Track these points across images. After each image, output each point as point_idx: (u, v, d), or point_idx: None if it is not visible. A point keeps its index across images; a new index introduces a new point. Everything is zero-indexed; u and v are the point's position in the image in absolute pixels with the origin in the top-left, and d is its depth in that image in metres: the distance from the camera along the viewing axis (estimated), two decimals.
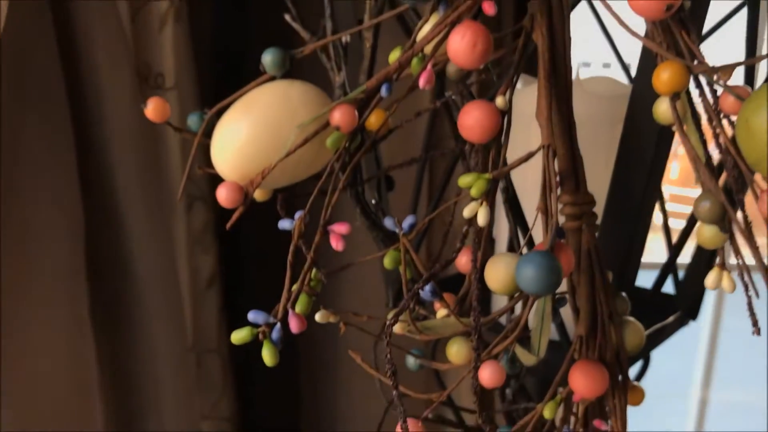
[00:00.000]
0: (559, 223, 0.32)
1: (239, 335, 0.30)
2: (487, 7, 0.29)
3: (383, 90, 0.31)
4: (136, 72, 0.67)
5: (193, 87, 0.71)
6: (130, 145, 0.65)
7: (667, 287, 0.54)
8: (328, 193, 0.33)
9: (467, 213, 0.33)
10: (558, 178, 0.34)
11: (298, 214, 0.31)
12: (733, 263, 0.33)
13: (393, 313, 0.30)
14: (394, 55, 0.34)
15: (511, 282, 0.32)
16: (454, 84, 0.42)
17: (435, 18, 0.33)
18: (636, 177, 0.38)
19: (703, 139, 0.29)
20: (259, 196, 0.36)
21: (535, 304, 0.34)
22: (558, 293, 0.36)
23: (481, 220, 0.32)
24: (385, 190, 0.44)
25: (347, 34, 0.41)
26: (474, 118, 0.32)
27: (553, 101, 0.33)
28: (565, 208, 0.35)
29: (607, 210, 0.39)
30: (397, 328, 0.37)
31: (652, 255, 0.45)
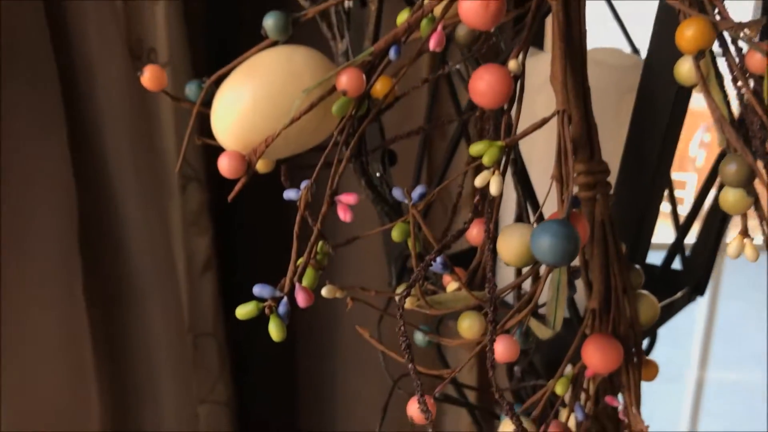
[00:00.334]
0: (573, 191, 0.31)
1: (245, 310, 0.29)
2: None
3: (392, 53, 0.30)
4: (129, 49, 0.66)
5: (187, 62, 0.69)
6: (123, 124, 0.64)
7: (674, 264, 0.53)
8: (334, 163, 0.32)
9: (479, 182, 0.31)
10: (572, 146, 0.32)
11: (305, 184, 0.30)
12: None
13: (405, 286, 0.28)
14: (402, 16, 0.32)
15: (526, 253, 0.31)
16: (460, 52, 0.40)
17: None
18: (650, 145, 0.37)
19: (727, 100, 0.28)
20: (261, 167, 0.35)
21: (550, 276, 0.32)
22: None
23: (494, 189, 0.31)
24: (388, 164, 0.43)
25: None
26: (486, 83, 0.30)
27: (568, 65, 0.32)
28: (578, 177, 0.34)
29: (619, 180, 0.38)
30: (406, 303, 0.36)
31: (655, 236, 0.44)
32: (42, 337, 0.62)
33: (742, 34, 0.26)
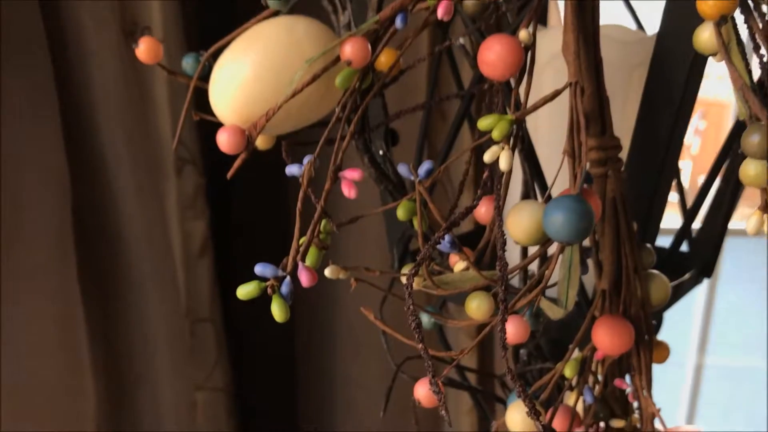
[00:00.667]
0: (586, 166, 0.30)
1: (246, 290, 0.28)
2: None
3: (398, 21, 0.29)
4: (122, 30, 0.64)
5: (183, 40, 0.67)
6: (118, 107, 0.62)
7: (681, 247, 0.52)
8: (337, 140, 0.31)
9: (488, 158, 0.30)
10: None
11: (307, 158, 0.29)
12: None
13: (413, 265, 0.27)
14: None
15: (536, 231, 0.30)
16: (464, 25, 0.39)
17: None
18: (662, 121, 0.36)
19: (749, 68, 0.27)
20: (261, 143, 0.34)
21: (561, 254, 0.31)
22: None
23: (504, 165, 0.30)
24: (390, 142, 0.42)
25: None
26: (496, 54, 0.29)
27: (581, 36, 0.31)
28: (590, 153, 0.33)
29: (629, 157, 0.37)
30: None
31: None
32: (36, 324, 0.61)
33: None
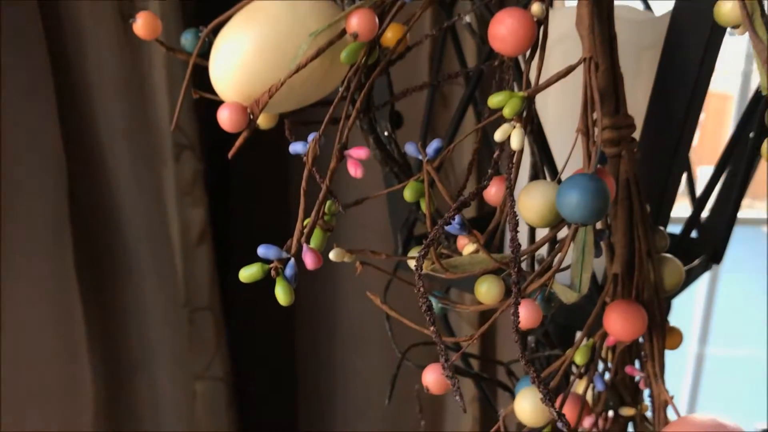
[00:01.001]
0: (600, 145, 0.29)
1: (248, 272, 0.27)
2: None
3: None
4: (119, 12, 0.63)
5: (181, 18, 0.66)
6: (114, 89, 0.61)
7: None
8: (342, 117, 0.29)
9: (499, 136, 0.29)
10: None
11: (312, 136, 0.28)
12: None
13: (422, 247, 0.26)
14: None
15: (549, 212, 0.29)
16: (470, 2, 0.38)
17: None
18: (677, 101, 0.35)
19: None
20: (263, 122, 0.33)
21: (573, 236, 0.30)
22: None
23: (515, 143, 0.29)
24: (395, 124, 0.40)
25: None
26: (507, 28, 0.28)
27: (595, 10, 0.30)
28: (603, 133, 0.32)
29: (642, 138, 0.36)
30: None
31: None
32: (30, 312, 0.60)
33: None
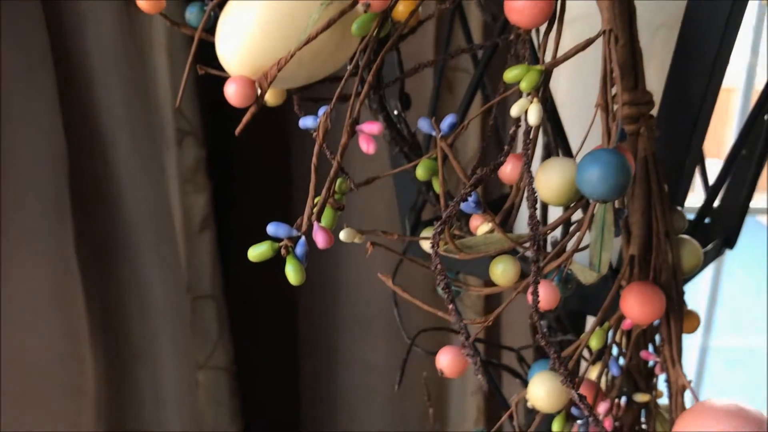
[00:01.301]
0: (620, 121, 0.28)
1: (258, 251, 0.26)
2: None
3: None
4: None
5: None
6: (115, 72, 0.60)
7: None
8: (353, 92, 0.29)
9: (515, 111, 0.28)
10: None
11: (323, 110, 0.27)
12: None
13: (438, 223, 0.25)
14: None
15: (568, 189, 0.28)
16: None
17: None
18: (695, 79, 0.34)
19: None
20: (271, 98, 0.32)
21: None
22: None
23: (533, 119, 0.28)
24: (404, 103, 0.40)
25: None
26: None
27: None
28: (621, 109, 0.31)
29: (659, 116, 0.35)
30: (428, 248, 0.33)
31: None
32: (31, 299, 0.59)
33: None
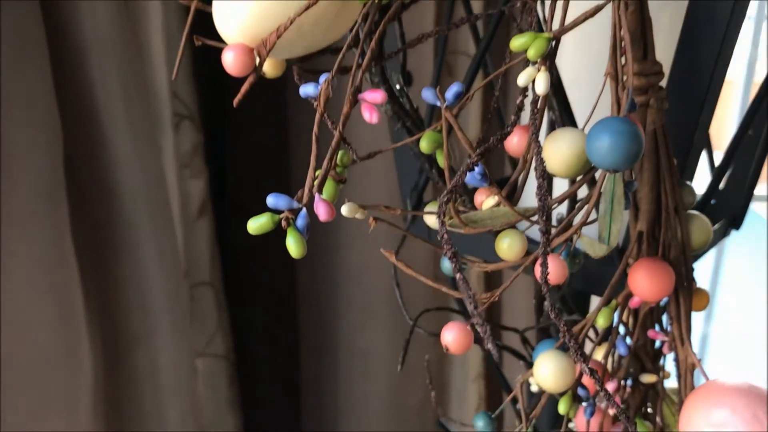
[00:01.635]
0: (630, 91, 0.27)
1: (258, 223, 0.25)
2: None
3: None
4: None
5: None
6: (111, 54, 0.59)
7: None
8: (355, 61, 0.28)
9: (522, 80, 0.27)
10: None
11: (324, 77, 0.26)
12: None
13: (444, 193, 0.25)
14: None
15: (576, 160, 0.27)
16: None
17: None
18: (705, 51, 0.33)
19: None
20: (269, 69, 0.31)
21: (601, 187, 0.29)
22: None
23: (541, 88, 0.27)
24: (406, 78, 0.39)
25: None
26: None
27: None
28: (632, 78, 0.30)
29: (667, 89, 0.34)
30: (432, 223, 0.32)
31: None
32: (27, 284, 0.58)
33: None
